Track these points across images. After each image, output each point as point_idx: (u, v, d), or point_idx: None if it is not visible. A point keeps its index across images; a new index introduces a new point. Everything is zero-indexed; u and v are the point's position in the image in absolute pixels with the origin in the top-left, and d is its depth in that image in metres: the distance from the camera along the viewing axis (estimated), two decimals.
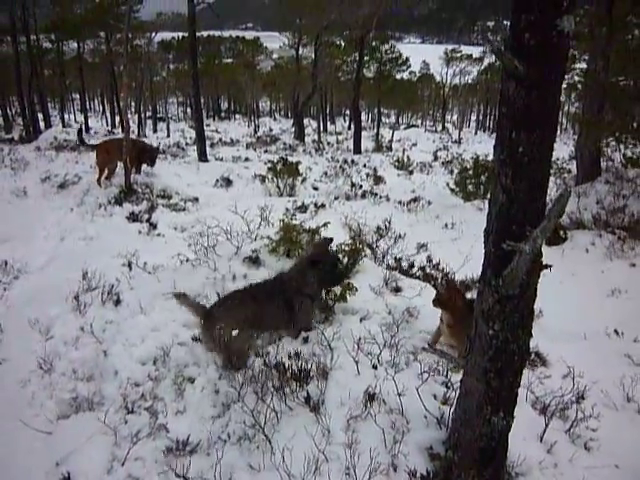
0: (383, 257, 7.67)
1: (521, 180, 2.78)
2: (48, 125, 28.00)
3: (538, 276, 3.03)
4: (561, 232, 9.13)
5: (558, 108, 2.81)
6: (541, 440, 3.95)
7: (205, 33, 48.81)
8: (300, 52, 37.15)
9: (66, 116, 38.19)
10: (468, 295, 5.37)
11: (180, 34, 43.42)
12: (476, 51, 62.50)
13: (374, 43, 36.54)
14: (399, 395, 4.14)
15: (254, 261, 6.50)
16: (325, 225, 6.90)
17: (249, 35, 64.92)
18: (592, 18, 12.43)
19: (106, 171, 11.94)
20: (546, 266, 3.02)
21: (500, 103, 2.82)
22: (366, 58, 34.42)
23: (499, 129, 2.86)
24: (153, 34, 33.36)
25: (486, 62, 57.65)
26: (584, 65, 16.32)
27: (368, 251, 7.49)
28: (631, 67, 12.22)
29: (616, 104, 12.10)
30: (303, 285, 5.21)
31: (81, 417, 4.31)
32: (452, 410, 3.61)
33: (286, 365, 4.54)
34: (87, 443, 3.95)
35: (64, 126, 30.56)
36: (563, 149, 30.80)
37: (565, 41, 2.58)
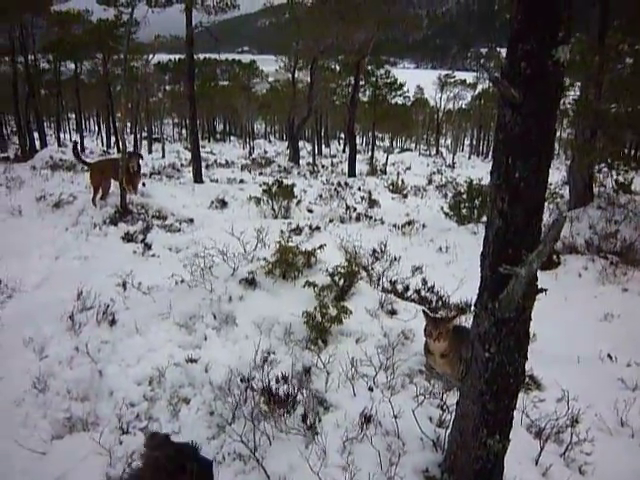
0: (378, 280, 7.68)
1: (517, 205, 2.82)
2: (44, 144, 27.98)
3: (533, 300, 3.05)
4: (555, 257, 9.19)
5: (554, 135, 2.85)
6: (536, 463, 3.95)
7: (202, 56, 49.28)
8: (296, 75, 37.36)
9: (62, 135, 38.30)
10: (463, 318, 5.39)
11: (176, 56, 43.80)
12: (470, 77, 63.19)
13: (369, 68, 36.84)
14: (395, 417, 4.15)
15: (250, 282, 6.50)
16: (321, 247, 6.93)
17: (245, 58, 65.37)
18: (585, 46, 12.61)
19: (101, 191, 11.95)
20: (541, 290, 3.04)
21: (497, 130, 2.86)
22: (361, 82, 34.68)
23: (495, 155, 2.90)
24: (150, 56, 33.53)
25: (480, 88, 58.27)
26: (575, 92, 16.52)
27: (364, 273, 7.52)
28: (623, 95, 12.35)
29: (608, 131, 12.22)
30: None
31: (75, 437, 4.29)
32: (448, 432, 3.62)
33: (272, 390, 4.48)
34: (81, 463, 3.92)
35: (60, 145, 30.65)
36: (555, 174, 31.10)
37: (560, 70, 2.64)
